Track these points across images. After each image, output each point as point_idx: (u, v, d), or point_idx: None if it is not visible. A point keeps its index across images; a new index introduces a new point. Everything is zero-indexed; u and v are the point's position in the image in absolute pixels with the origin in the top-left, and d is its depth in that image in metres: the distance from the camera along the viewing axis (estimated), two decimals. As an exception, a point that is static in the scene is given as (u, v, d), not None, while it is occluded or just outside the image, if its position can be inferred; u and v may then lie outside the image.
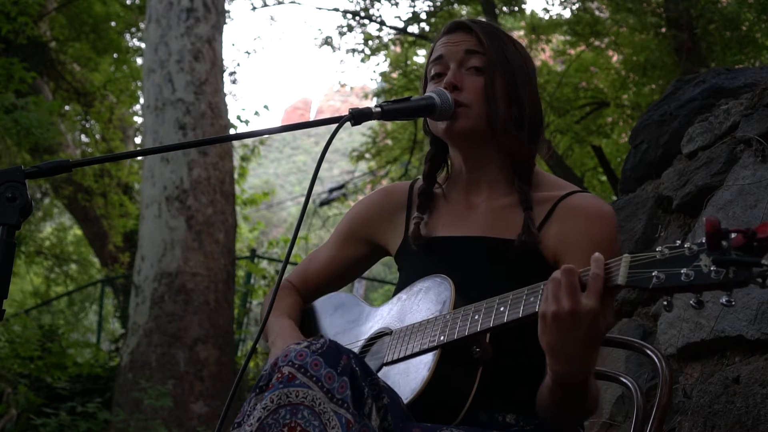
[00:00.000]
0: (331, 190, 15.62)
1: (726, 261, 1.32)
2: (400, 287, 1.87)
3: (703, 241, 1.34)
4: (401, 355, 1.71)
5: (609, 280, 1.46)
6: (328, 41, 12.97)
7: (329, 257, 2.05)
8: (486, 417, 1.71)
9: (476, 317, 1.61)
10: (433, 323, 1.68)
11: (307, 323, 2.01)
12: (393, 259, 1.98)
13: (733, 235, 1.32)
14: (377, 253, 2.03)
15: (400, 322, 1.79)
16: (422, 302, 1.76)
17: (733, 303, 1.34)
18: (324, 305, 2.04)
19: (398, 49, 13.28)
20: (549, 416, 1.68)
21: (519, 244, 1.75)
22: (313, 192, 1.78)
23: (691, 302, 1.38)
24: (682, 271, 1.36)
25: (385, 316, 1.85)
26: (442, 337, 1.64)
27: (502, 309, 1.59)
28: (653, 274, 1.40)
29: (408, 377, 1.67)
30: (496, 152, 1.84)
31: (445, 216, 1.90)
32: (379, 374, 1.72)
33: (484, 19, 1.93)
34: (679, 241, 1.40)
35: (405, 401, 1.63)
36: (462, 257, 1.81)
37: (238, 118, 15.32)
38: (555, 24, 11.94)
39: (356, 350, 1.85)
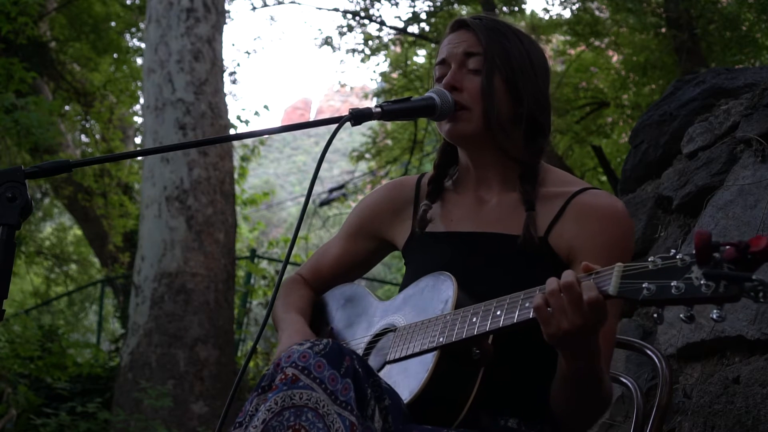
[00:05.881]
0: (331, 190, 15.59)
1: (717, 275, 1.28)
2: (406, 282, 1.87)
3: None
4: (403, 354, 1.71)
5: (601, 290, 1.45)
6: (328, 41, 12.96)
7: (339, 253, 2.05)
8: (488, 420, 1.70)
9: (474, 320, 1.61)
10: (434, 323, 1.68)
11: (318, 315, 2.01)
12: (393, 259, 1.98)
13: (726, 248, 1.28)
14: (385, 248, 2.03)
15: (405, 319, 1.79)
16: (426, 300, 1.76)
17: (724, 318, 1.30)
18: (334, 297, 2.04)
19: (398, 49, 13.29)
20: (564, 413, 1.68)
21: (521, 245, 1.75)
22: (313, 192, 1.78)
23: (681, 316, 1.35)
24: (672, 284, 1.33)
25: (392, 311, 1.86)
26: (441, 339, 1.64)
27: (498, 313, 1.58)
28: (644, 285, 1.37)
29: (408, 377, 1.67)
30: (500, 152, 1.83)
31: (454, 211, 1.89)
32: (383, 372, 1.73)
33: (487, 15, 1.90)
34: (673, 251, 1.37)
35: (404, 401, 1.62)
36: (470, 253, 1.81)
37: (238, 118, 15.31)
38: (555, 24, 11.95)
39: (363, 345, 1.85)
